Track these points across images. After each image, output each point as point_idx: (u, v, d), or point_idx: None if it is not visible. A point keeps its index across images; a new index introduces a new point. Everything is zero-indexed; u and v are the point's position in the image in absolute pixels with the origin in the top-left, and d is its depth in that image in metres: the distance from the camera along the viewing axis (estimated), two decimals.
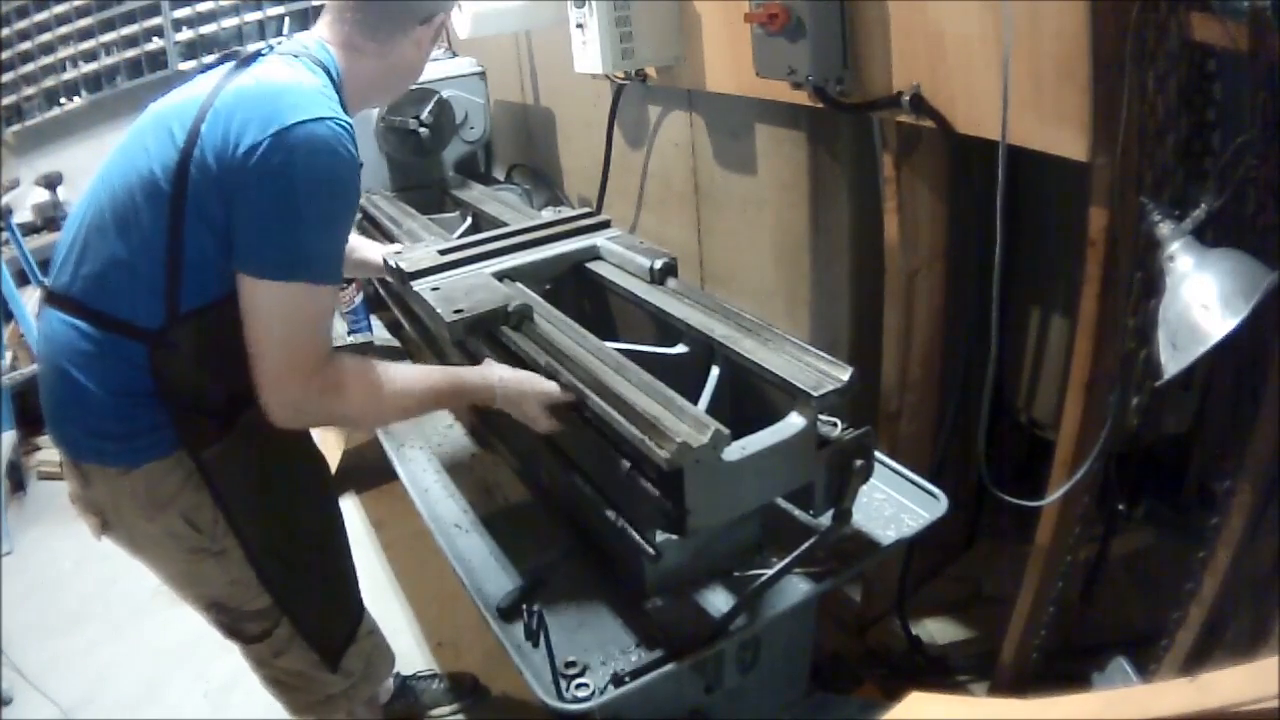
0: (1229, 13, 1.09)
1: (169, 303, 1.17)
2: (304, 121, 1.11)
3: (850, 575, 1.44)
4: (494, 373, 1.34)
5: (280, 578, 1.37)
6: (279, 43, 1.30)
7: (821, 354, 1.28)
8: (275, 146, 1.10)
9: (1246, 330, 1.01)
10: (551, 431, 1.32)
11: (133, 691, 2.30)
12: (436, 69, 2.73)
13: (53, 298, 1.25)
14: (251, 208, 1.12)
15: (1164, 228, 1.15)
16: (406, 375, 1.33)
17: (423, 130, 2.60)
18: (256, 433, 1.27)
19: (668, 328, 1.51)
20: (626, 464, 1.21)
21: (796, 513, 1.41)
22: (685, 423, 1.12)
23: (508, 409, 1.34)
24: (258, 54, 1.26)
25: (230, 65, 1.23)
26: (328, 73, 1.25)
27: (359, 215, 2.65)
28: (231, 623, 1.42)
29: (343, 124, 1.15)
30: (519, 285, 1.60)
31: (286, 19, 4.08)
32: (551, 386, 1.30)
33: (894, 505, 1.48)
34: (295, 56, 1.24)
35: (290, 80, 1.17)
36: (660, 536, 1.25)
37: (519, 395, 1.31)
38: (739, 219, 2.15)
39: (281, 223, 1.12)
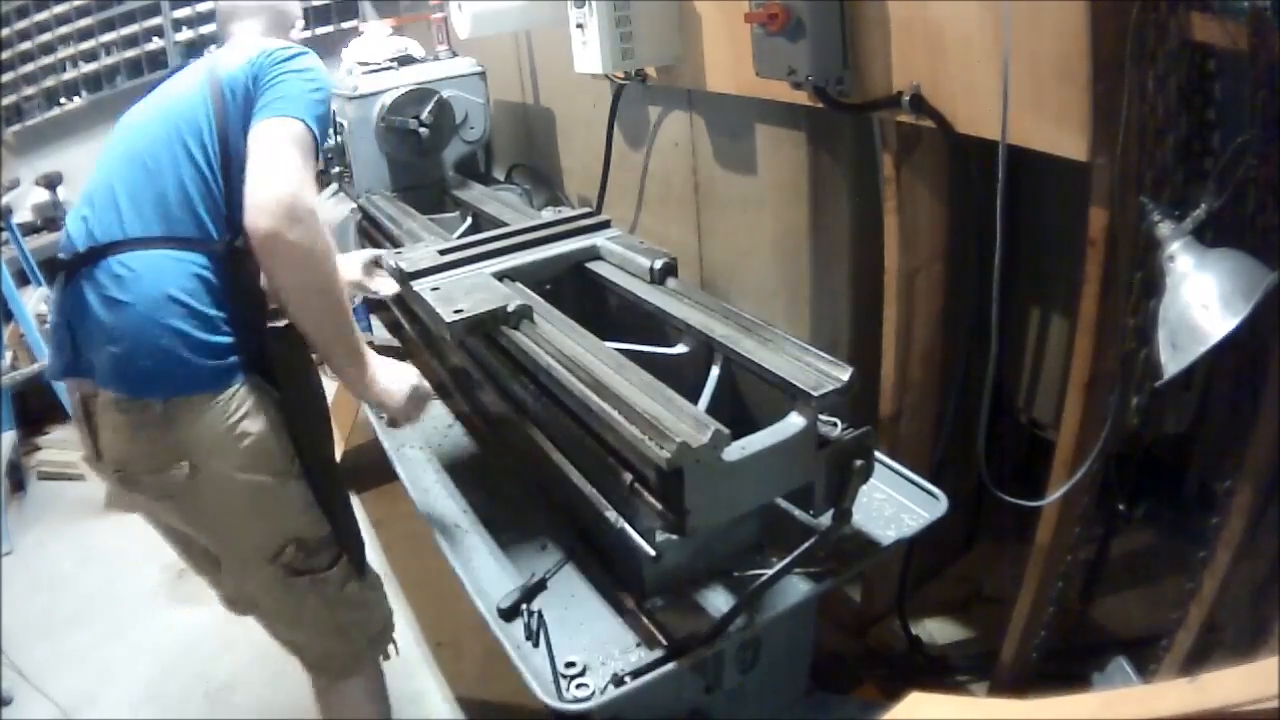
0: (1229, 13, 1.09)
1: (228, 215, 1.36)
2: (292, 49, 1.45)
3: (850, 575, 1.44)
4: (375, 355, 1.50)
5: (326, 494, 1.48)
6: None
7: (821, 354, 1.28)
8: (278, 55, 1.41)
9: (1246, 330, 1.01)
10: (409, 423, 1.58)
11: (133, 691, 2.30)
12: (436, 69, 2.73)
13: (112, 247, 1.34)
14: (269, 82, 1.38)
15: (1164, 228, 1.15)
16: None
17: (423, 130, 2.60)
18: (298, 347, 1.42)
19: (668, 328, 1.51)
20: (626, 472, 1.21)
21: (796, 513, 1.41)
22: (685, 423, 1.12)
23: (383, 391, 1.48)
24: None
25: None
26: None
27: (359, 215, 2.66)
28: (306, 557, 1.48)
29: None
30: (519, 285, 1.61)
31: None
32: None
33: (894, 505, 1.48)
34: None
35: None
36: (660, 536, 1.25)
37: (397, 376, 1.51)
38: (739, 219, 2.15)
39: (290, 84, 1.38)
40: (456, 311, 1.44)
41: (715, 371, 1.39)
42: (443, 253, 1.70)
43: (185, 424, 1.34)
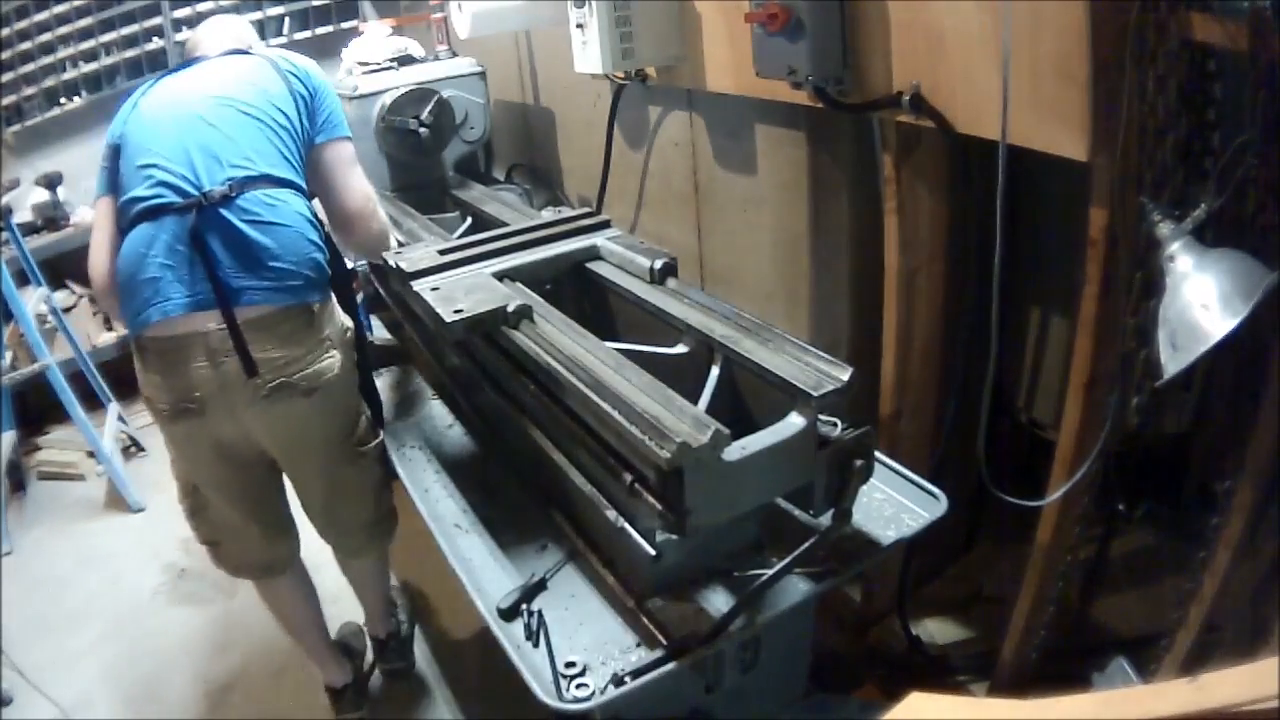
0: (1229, 13, 1.09)
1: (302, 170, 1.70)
2: (308, 60, 1.81)
3: (850, 575, 1.44)
4: None
5: (366, 378, 1.83)
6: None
7: (821, 354, 1.28)
8: (313, 71, 1.77)
9: (1246, 330, 1.01)
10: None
11: (133, 691, 2.30)
12: (436, 69, 2.73)
13: (251, 183, 1.57)
14: (324, 101, 1.74)
15: (1164, 228, 1.15)
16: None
17: (423, 130, 2.60)
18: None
19: (668, 328, 1.51)
20: (626, 472, 1.21)
21: (796, 513, 1.41)
22: (685, 423, 1.12)
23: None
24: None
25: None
26: None
27: None
28: (366, 430, 1.80)
29: None
30: (519, 285, 1.61)
31: (287, 19, 4.07)
32: None
33: (894, 505, 1.48)
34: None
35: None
36: (660, 536, 1.25)
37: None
38: (739, 219, 2.15)
39: (338, 105, 1.78)
40: (456, 311, 1.44)
41: (715, 371, 1.39)
42: (443, 253, 1.70)
43: (328, 322, 1.64)
